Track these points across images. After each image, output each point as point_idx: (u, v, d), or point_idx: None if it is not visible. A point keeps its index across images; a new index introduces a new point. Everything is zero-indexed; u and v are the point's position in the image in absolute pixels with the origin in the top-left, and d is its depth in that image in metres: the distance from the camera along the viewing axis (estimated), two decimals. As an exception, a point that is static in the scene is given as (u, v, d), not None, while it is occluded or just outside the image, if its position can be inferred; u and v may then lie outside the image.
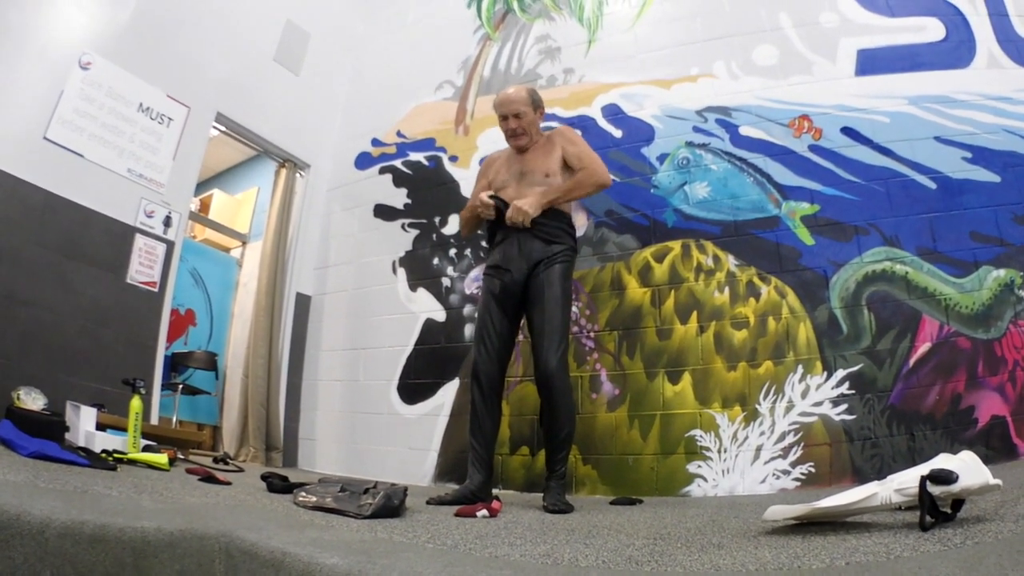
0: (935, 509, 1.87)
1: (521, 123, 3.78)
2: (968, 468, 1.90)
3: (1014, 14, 4.43)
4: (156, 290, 4.80)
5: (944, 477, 1.86)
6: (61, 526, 1.66)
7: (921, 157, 4.23)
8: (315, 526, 2.23)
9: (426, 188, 5.77)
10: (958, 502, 1.93)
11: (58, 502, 1.82)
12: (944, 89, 4.34)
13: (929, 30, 4.52)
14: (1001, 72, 4.31)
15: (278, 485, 3.16)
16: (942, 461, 1.97)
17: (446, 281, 5.35)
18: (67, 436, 3.33)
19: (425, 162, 5.85)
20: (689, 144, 4.76)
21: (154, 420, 4.65)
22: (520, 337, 4.46)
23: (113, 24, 4.78)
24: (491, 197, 3.68)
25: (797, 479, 3.89)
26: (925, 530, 1.82)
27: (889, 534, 1.85)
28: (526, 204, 3.54)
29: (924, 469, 1.93)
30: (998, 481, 1.89)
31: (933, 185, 4.16)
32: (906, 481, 1.96)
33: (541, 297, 3.48)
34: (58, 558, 1.63)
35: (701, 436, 4.15)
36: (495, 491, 3.60)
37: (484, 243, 4.35)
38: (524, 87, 3.93)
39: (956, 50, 4.43)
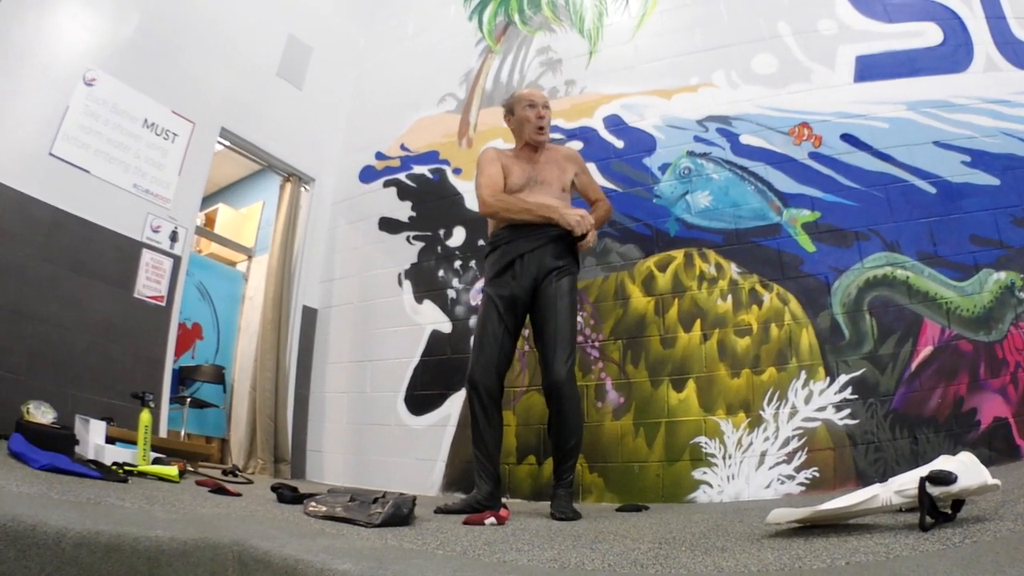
0: (935, 510, 1.89)
1: (549, 117, 3.81)
2: (967, 469, 1.92)
3: (1011, 16, 4.46)
4: (163, 304, 4.85)
5: (943, 478, 1.88)
6: (77, 536, 1.69)
7: (920, 162, 4.26)
8: (326, 534, 2.26)
9: (430, 201, 5.81)
10: (958, 502, 1.94)
11: (73, 513, 1.85)
12: (942, 93, 4.37)
13: (927, 35, 4.55)
14: (999, 75, 4.33)
15: (288, 496, 3.18)
16: (941, 462, 1.98)
17: (451, 293, 5.38)
18: (77, 449, 3.36)
19: (429, 175, 5.89)
20: (690, 154, 4.80)
21: (163, 433, 4.68)
22: (526, 348, 4.51)
23: (117, 41, 4.84)
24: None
25: (802, 484, 3.91)
26: (925, 530, 1.83)
27: (890, 535, 1.87)
28: (593, 239, 3.59)
29: (924, 471, 1.95)
30: (997, 481, 1.90)
31: (933, 190, 4.18)
32: (906, 483, 1.98)
33: (554, 307, 3.44)
34: (74, 567, 1.66)
35: (706, 443, 4.17)
36: (503, 500, 3.60)
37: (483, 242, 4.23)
38: None
39: (954, 54, 4.46)
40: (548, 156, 3.80)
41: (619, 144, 5.09)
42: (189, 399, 5.78)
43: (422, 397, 5.23)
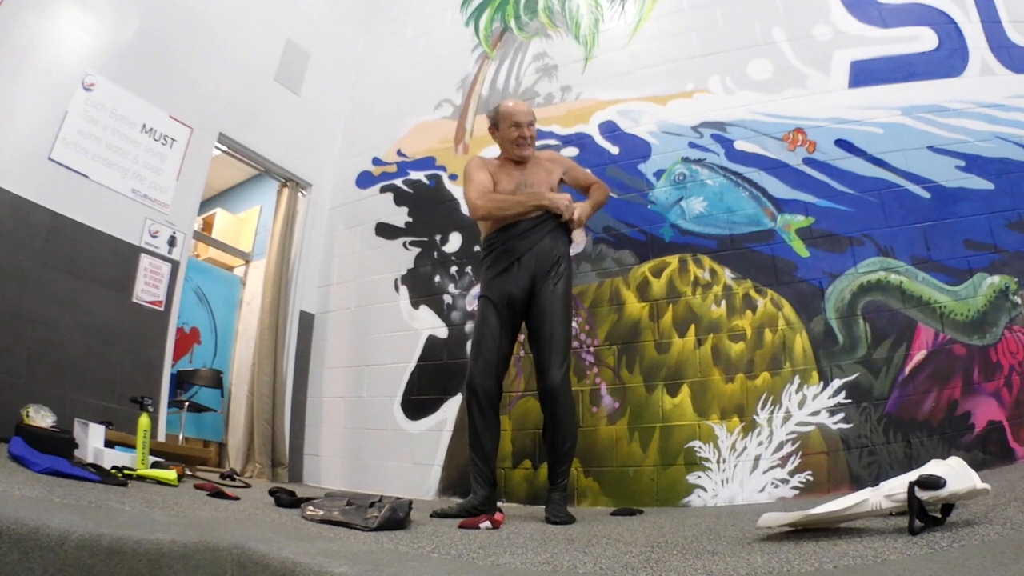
0: (924, 514, 1.91)
1: (534, 133, 3.89)
2: (956, 473, 1.94)
3: (1007, 21, 4.46)
4: (162, 309, 4.86)
5: (932, 482, 1.90)
6: (79, 539, 1.71)
7: (915, 167, 4.27)
8: (323, 538, 2.28)
9: (427, 206, 5.83)
10: (948, 506, 1.97)
11: (74, 516, 1.87)
12: (937, 98, 4.38)
13: (922, 39, 4.56)
14: (994, 79, 4.34)
15: (286, 500, 3.21)
16: (932, 467, 2.01)
17: (447, 298, 5.39)
18: (76, 453, 3.37)
19: (425, 180, 5.91)
20: (685, 160, 4.82)
21: (161, 437, 4.69)
22: (522, 352, 4.53)
23: (116, 45, 4.85)
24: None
25: (796, 488, 3.93)
26: (914, 534, 1.86)
27: (879, 538, 1.90)
28: (582, 212, 3.66)
29: (913, 475, 1.97)
30: (986, 486, 1.93)
31: (927, 194, 4.20)
32: (896, 487, 2.00)
33: (551, 311, 3.50)
34: (76, 570, 1.68)
35: (700, 447, 4.19)
36: (499, 504, 3.63)
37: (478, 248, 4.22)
38: None
39: (949, 59, 4.47)
40: (533, 161, 3.91)
41: (614, 150, 5.11)
42: (187, 403, 5.81)
43: (418, 402, 5.24)
